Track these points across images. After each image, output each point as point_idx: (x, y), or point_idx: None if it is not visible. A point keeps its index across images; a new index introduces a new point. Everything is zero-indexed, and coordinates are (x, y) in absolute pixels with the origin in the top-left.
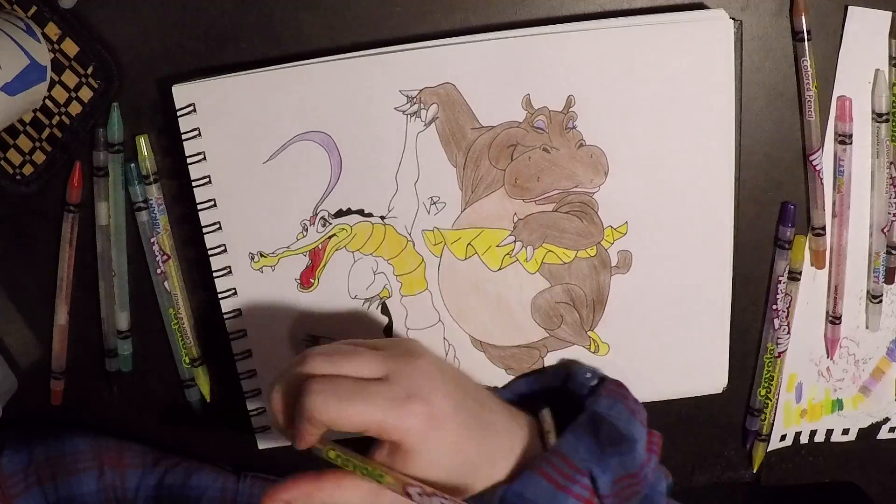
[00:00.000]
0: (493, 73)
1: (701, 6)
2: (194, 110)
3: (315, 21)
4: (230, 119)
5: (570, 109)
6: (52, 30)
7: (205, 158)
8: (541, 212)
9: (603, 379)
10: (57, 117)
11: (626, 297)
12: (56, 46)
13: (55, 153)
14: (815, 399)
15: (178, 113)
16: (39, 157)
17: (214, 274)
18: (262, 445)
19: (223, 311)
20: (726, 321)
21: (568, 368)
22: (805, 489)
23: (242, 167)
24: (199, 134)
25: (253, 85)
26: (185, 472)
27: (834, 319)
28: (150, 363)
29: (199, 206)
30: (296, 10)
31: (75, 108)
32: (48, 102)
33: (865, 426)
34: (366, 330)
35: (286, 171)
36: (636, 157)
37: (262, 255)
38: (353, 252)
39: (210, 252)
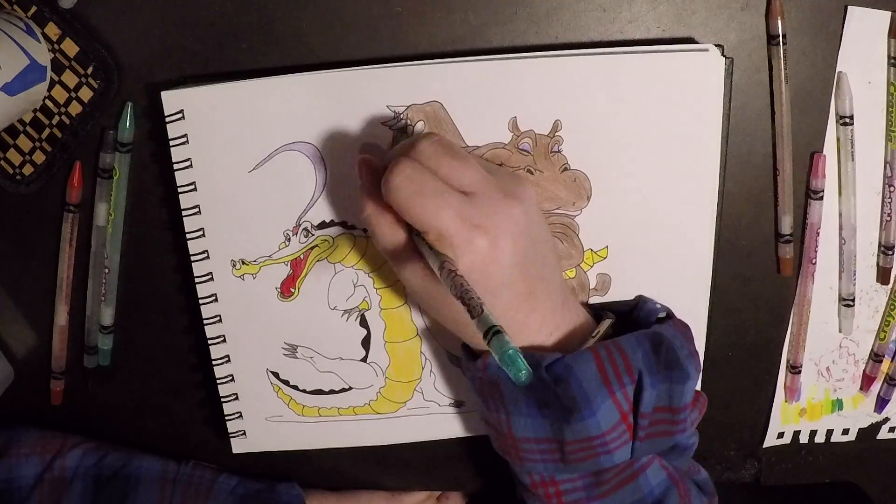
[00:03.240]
0: (481, 93)
1: (690, 40)
2: (182, 117)
3: (314, 21)
4: (218, 126)
5: (557, 133)
6: (52, 30)
7: (191, 165)
8: None
9: (672, 316)
10: (57, 117)
11: None
12: (56, 46)
13: (55, 153)
14: (814, 399)
15: (167, 119)
16: (39, 157)
17: (196, 280)
18: (236, 450)
19: (203, 316)
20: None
21: (638, 298)
22: (805, 489)
23: (228, 175)
24: (187, 140)
25: (242, 93)
26: (126, 455)
27: (793, 369)
28: (133, 362)
29: (183, 213)
30: (296, 10)
31: (75, 108)
32: (48, 102)
33: (865, 426)
34: (344, 341)
35: (271, 181)
36: (619, 183)
37: (243, 263)
38: (333, 263)
39: (193, 258)
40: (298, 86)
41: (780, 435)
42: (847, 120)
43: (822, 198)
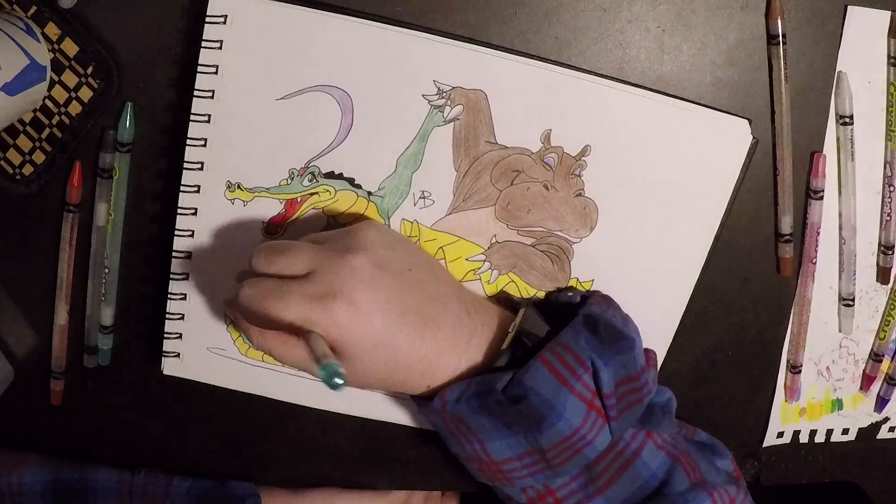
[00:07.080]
0: (527, 97)
1: (728, 111)
2: (224, 22)
3: None
4: (257, 43)
5: (583, 158)
6: (52, 30)
7: (216, 72)
8: (519, 242)
9: (586, 295)
10: (57, 117)
11: None
12: (56, 46)
13: (55, 153)
14: (814, 398)
15: (208, 19)
16: (39, 157)
17: (182, 189)
18: (167, 371)
19: (176, 227)
20: None
21: (548, 293)
22: (805, 489)
23: (250, 95)
24: (221, 47)
25: (291, 18)
26: (81, 468)
27: (793, 368)
28: (133, 362)
29: (191, 118)
30: None
31: (75, 108)
32: (48, 102)
33: (865, 426)
34: None
35: (294, 115)
36: (623, 222)
37: (239, 187)
38: (328, 216)
39: (185, 165)
40: (353, 31)
41: (780, 434)
42: (847, 120)
43: (822, 197)
